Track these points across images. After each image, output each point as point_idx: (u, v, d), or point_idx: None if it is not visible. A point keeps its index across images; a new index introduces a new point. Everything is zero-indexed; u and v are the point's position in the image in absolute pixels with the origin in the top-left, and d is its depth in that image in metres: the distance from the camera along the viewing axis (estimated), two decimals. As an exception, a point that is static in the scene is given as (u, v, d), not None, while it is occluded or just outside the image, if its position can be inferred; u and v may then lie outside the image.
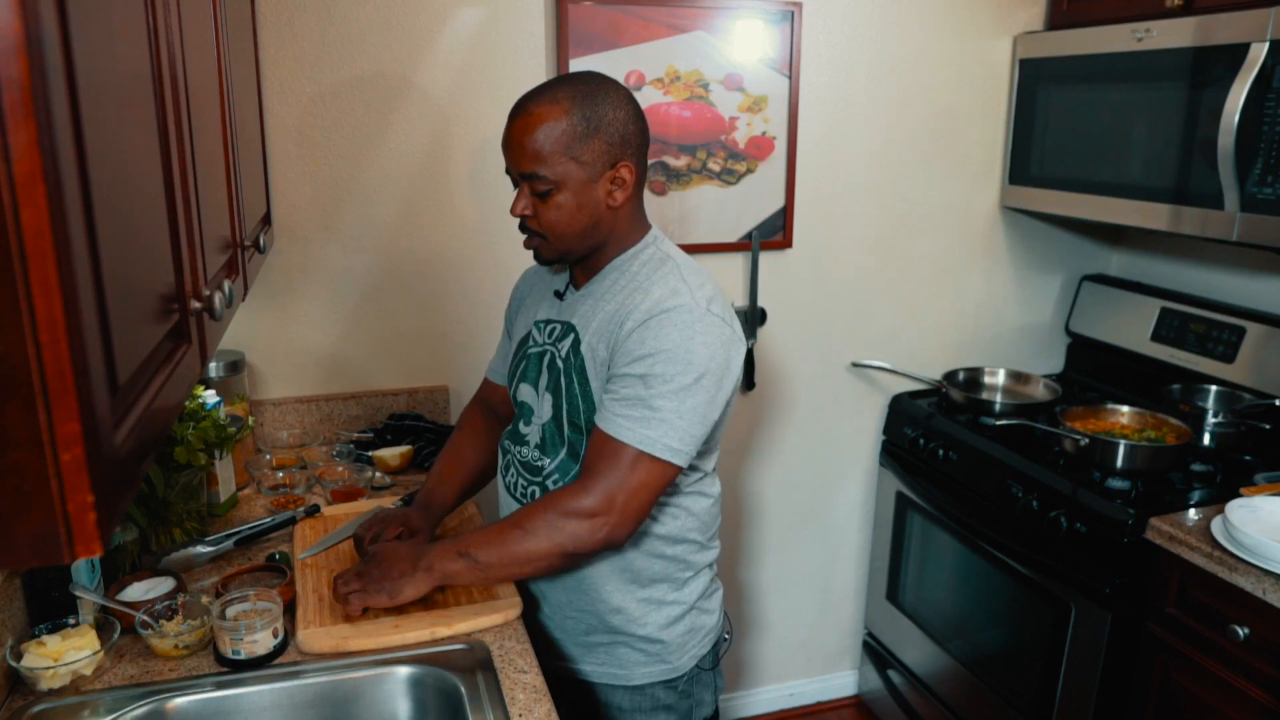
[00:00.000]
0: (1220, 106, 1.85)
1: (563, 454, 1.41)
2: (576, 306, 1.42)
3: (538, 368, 1.45)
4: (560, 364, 1.41)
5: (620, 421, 1.29)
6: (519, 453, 1.47)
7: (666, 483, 1.32)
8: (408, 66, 2.03)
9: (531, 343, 1.48)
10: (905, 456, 2.51)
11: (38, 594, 1.34)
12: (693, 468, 1.42)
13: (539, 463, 1.44)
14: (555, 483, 1.42)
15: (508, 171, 1.35)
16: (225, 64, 1.32)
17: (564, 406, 1.39)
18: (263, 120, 1.90)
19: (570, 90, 1.30)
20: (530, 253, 1.41)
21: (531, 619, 1.45)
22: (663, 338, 1.28)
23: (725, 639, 1.58)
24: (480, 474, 1.63)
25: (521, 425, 1.47)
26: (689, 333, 1.29)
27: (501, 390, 1.62)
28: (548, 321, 1.47)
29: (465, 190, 2.13)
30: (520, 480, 1.47)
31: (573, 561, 1.34)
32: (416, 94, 2.04)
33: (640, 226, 1.42)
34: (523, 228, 1.37)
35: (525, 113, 1.30)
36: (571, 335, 1.40)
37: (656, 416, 1.28)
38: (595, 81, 1.33)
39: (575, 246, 1.37)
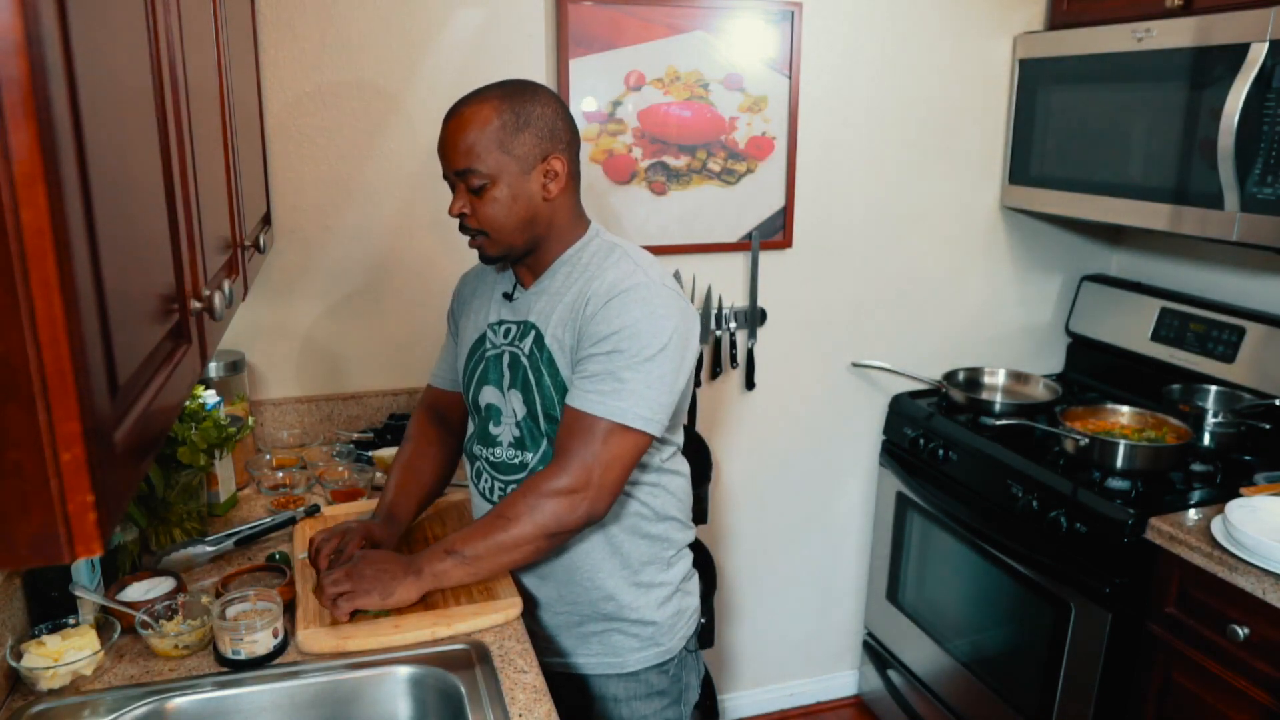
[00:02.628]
0: (1220, 106, 1.85)
1: (544, 446, 1.43)
2: (531, 305, 1.44)
3: (498, 369, 1.46)
4: (525, 361, 1.43)
5: (590, 397, 1.32)
6: (490, 455, 1.49)
7: (640, 453, 1.35)
8: (408, 67, 2.03)
9: (488, 345, 1.49)
10: (905, 456, 2.51)
11: (38, 594, 1.34)
12: (664, 441, 1.46)
13: (517, 459, 1.45)
14: None
15: (445, 176, 1.39)
16: (225, 64, 1.32)
17: (537, 401, 1.42)
18: (263, 120, 1.90)
19: (499, 91, 1.36)
20: (469, 257, 1.43)
21: (524, 617, 1.45)
22: (625, 315, 1.33)
23: (702, 621, 1.63)
24: (435, 484, 1.63)
25: (491, 427, 1.48)
26: (649, 307, 1.33)
27: (452, 395, 1.64)
28: (501, 323, 1.48)
29: (465, 190, 2.13)
30: (495, 483, 1.49)
31: (557, 542, 1.36)
32: (417, 94, 2.04)
33: (581, 222, 1.46)
34: (462, 228, 1.41)
35: (457, 115, 1.36)
36: (532, 333, 1.43)
37: (625, 388, 1.31)
38: (523, 83, 1.39)
39: (515, 241, 1.39)
